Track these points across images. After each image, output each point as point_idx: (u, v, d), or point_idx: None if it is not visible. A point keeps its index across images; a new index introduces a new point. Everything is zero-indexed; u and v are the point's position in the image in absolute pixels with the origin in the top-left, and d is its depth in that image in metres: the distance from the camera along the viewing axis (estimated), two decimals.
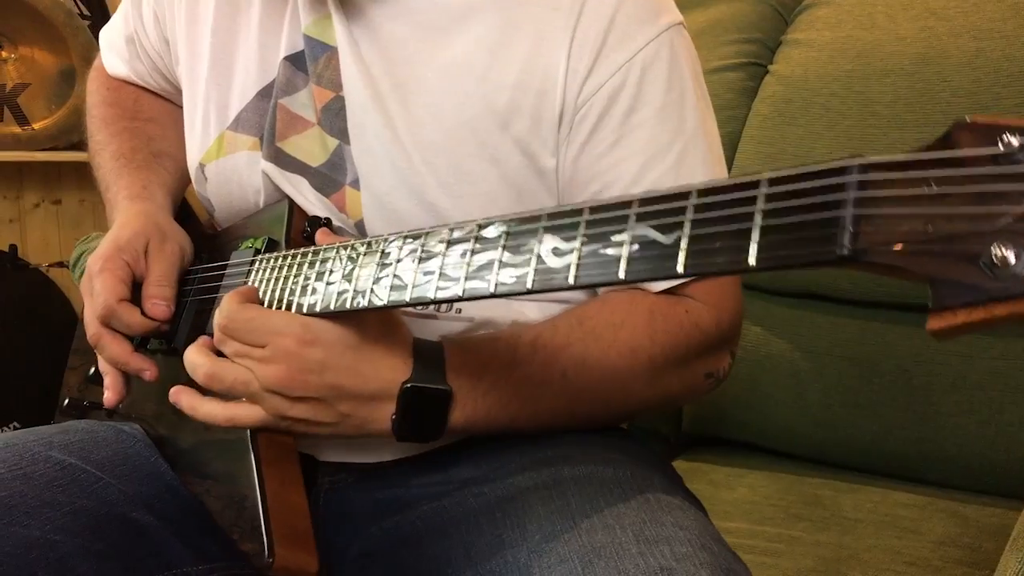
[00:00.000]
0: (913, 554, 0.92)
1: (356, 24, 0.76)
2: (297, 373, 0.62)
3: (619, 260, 0.41)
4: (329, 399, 0.63)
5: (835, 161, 0.34)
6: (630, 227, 0.41)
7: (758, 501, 1.09)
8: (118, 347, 0.76)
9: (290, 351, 0.62)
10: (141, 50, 0.96)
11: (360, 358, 0.63)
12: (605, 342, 0.70)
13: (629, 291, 0.73)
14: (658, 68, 0.72)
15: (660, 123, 0.72)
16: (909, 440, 1.12)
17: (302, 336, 0.62)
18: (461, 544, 0.67)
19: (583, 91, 0.71)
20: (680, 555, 0.57)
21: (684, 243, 0.38)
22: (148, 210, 0.84)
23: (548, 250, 0.45)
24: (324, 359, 0.62)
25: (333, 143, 0.77)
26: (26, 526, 0.66)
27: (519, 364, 0.68)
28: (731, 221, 0.37)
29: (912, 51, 1.16)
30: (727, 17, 1.37)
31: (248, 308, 0.65)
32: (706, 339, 0.73)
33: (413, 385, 0.64)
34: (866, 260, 0.32)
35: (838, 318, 1.17)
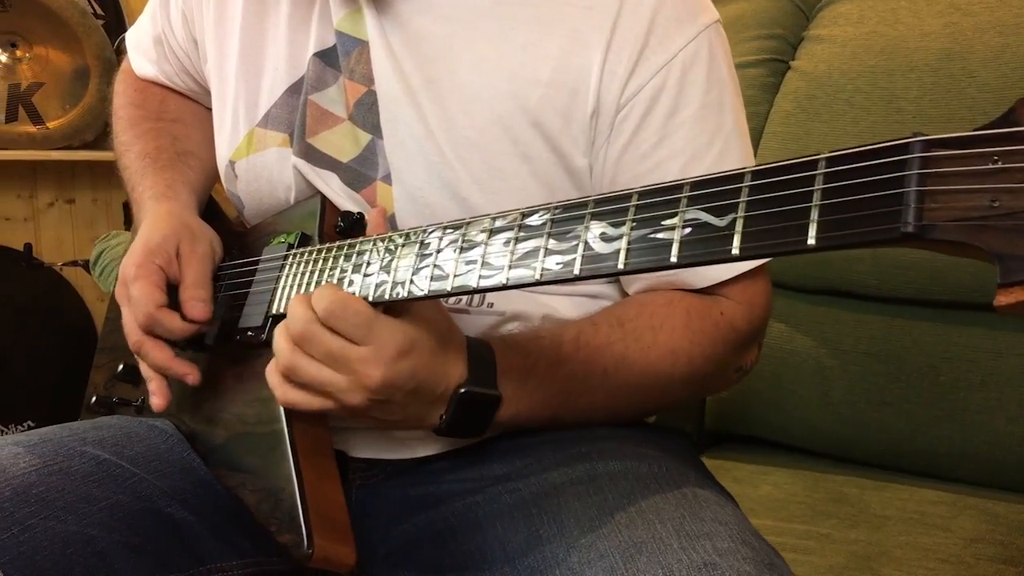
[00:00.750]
0: (945, 551, 0.91)
1: (386, 18, 0.76)
2: (394, 378, 0.61)
3: (671, 244, 0.41)
4: (402, 401, 0.63)
5: (895, 140, 0.34)
6: (682, 211, 0.41)
7: (784, 498, 1.09)
8: (161, 353, 0.76)
9: (389, 357, 0.60)
10: (169, 51, 0.97)
11: (436, 362, 0.63)
12: (645, 343, 0.71)
13: (666, 293, 0.74)
14: (698, 68, 0.72)
15: (700, 123, 0.72)
16: (937, 437, 1.11)
17: (403, 345, 0.61)
18: (497, 540, 0.67)
19: (625, 92, 0.71)
20: (722, 550, 0.56)
21: (739, 225, 0.38)
22: (174, 210, 0.84)
23: (595, 236, 0.45)
24: (414, 366, 0.61)
25: (365, 138, 0.77)
26: (63, 521, 0.66)
27: (563, 362, 0.69)
28: (788, 201, 0.36)
29: (937, 47, 1.15)
30: (748, 13, 1.37)
31: (356, 301, 0.61)
32: (739, 338, 0.75)
33: (468, 390, 0.64)
34: (931, 237, 0.32)
35: (863, 314, 1.17)
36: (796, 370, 1.20)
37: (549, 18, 0.73)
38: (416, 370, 0.61)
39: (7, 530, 0.64)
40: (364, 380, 0.60)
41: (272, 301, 0.76)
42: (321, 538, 0.63)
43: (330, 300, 0.60)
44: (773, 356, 1.21)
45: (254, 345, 0.78)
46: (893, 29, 1.20)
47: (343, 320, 0.60)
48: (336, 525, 0.66)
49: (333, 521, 0.66)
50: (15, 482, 0.67)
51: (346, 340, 0.60)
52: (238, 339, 0.79)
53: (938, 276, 1.10)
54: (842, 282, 1.18)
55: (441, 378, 0.63)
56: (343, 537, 0.66)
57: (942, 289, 1.11)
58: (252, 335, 0.77)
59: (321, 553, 0.63)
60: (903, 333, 1.14)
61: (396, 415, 0.64)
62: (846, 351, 1.17)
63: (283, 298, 0.75)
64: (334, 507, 0.67)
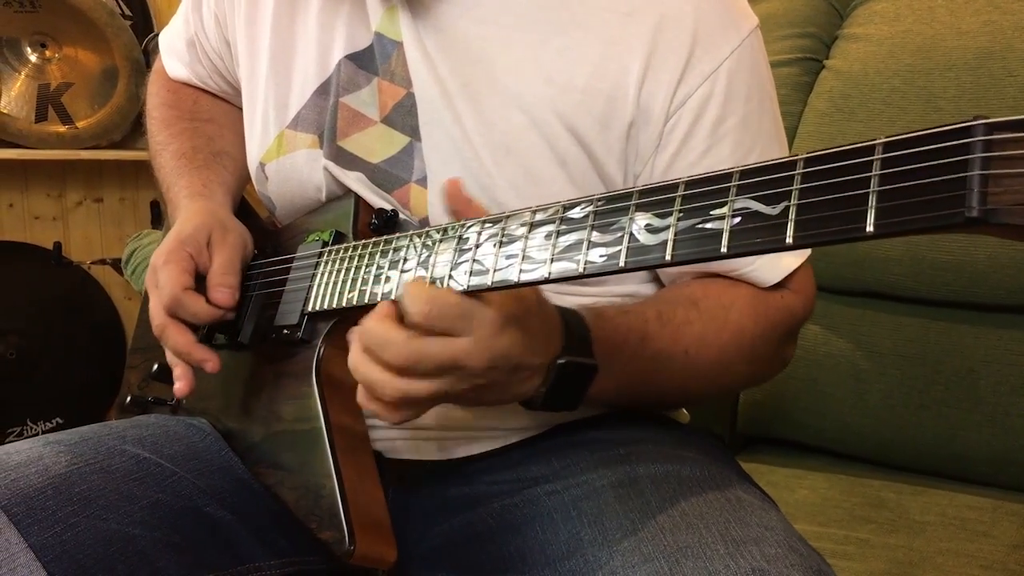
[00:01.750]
0: (988, 558, 0.89)
1: (421, 20, 0.76)
2: (496, 361, 0.57)
3: (721, 234, 0.40)
4: (503, 380, 0.59)
5: (955, 123, 0.33)
6: (731, 200, 0.40)
7: (820, 503, 1.07)
8: (182, 337, 0.76)
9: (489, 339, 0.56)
10: (202, 53, 0.97)
11: (531, 335, 0.58)
12: (719, 322, 0.70)
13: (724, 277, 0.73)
14: (742, 76, 0.72)
15: (744, 130, 0.72)
16: (976, 442, 1.09)
17: (499, 324, 0.56)
18: (536, 543, 0.66)
19: (674, 100, 0.70)
20: (770, 556, 0.56)
21: (792, 213, 0.37)
22: (208, 207, 0.85)
23: (640, 227, 0.45)
24: (512, 343, 0.57)
25: (402, 140, 0.77)
26: (105, 519, 0.67)
27: (650, 338, 0.68)
28: (843, 188, 0.36)
29: (975, 45, 1.13)
30: (780, 12, 1.36)
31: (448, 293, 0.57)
32: (796, 324, 0.76)
33: (567, 359, 0.60)
34: (996, 222, 0.31)
35: (901, 317, 1.15)
36: (832, 372, 1.18)
37: (587, 23, 0.72)
38: (514, 346, 0.57)
39: (51, 528, 0.64)
40: (470, 369, 0.56)
41: (308, 299, 0.76)
42: (362, 535, 0.63)
43: (426, 302, 0.55)
44: (808, 358, 1.19)
45: (290, 343, 0.78)
46: (930, 27, 1.18)
47: (442, 319, 0.55)
48: (376, 522, 0.66)
49: (373, 518, 0.66)
50: (57, 481, 0.68)
51: (447, 337, 0.56)
52: (274, 337, 0.79)
53: (978, 278, 1.08)
54: (879, 284, 1.16)
55: (538, 351, 0.59)
56: (383, 534, 0.66)
57: (982, 291, 1.09)
58: (288, 333, 0.77)
59: (362, 550, 0.63)
60: (941, 336, 1.12)
61: (495, 394, 0.60)
62: (883, 354, 1.15)
63: (319, 296, 0.75)
64: (374, 504, 0.67)
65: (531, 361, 0.59)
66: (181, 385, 0.76)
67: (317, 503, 0.67)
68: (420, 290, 0.57)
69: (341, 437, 0.69)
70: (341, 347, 0.76)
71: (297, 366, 0.77)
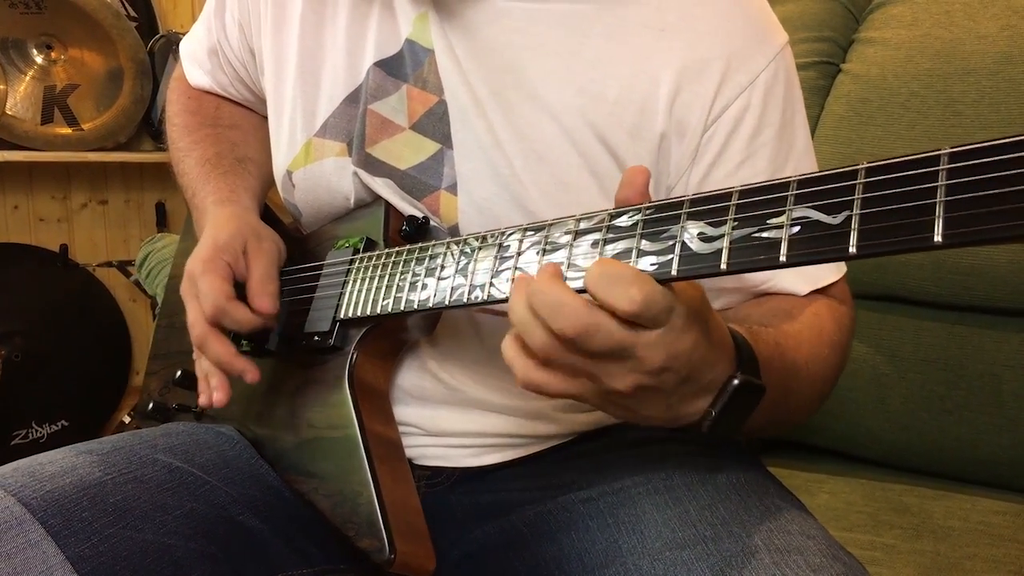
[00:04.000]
0: (1016, 563, 0.89)
1: (452, 27, 0.76)
2: (674, 360, 0.50)
3: (779, 243, 0.40)
4: (671, 388, 0.52)
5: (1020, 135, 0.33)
6: (789, 209, 0.40)
7: (843, 508, 1.07)
8: (223, 348, 0.76)
9: (674, 335, 0.49)
10: (224, 61, 0.97)
11: (707, 344, 0.52)
12: (815, 331, 0.69)
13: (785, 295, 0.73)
14: (777, 89, 0.72)
15: (779, 142, 0.73)
16: (998, 447, 1.09)
17: (686, 320, 0.49)
18: (573, 550, 0.66)
19: (711, 112, 0.71)
20: (815, 566, 0.56)
21: (855, 223, 0.37)
22: (238, 213, 0.85)
23: (693, 235, 0.45)
24: (693, 347, 0.50)
25: (432, 147, 0.77)
26: (140, 530, 0.66)
27: (786, 354, 0.63)
28: (908, 198, 0.36)
29: (995, 50, 1.13)
30: (796, 15, 1.36)
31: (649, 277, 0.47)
32: (854, 331, 0.75)
33: (744, 379, 0.54)
34: None
35: (922, 321, 1.15)
36: (852, 377, 1.18)
37: (620, 35, 0.72)
38: (694, 351, 0.50)
39: (87, 540, 0.64)
40: (644, 363, 0.49)
41: (340, 306, 0.76)
42: (402, 543, 0.63)
43: (645, 295, 0.46)
44: None
45: (320, 350, 0.78)
46: (948, 32, 1.18)
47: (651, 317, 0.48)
48: (415, 530, 0.66)
49: (412, 526, 0.66)
50: (92, 491, 0.67)
51: (641, 328, 0.48)
52: (303, 344, 0.79)
53: (999, 283, 1.08)
54: (901, 288, 1.16)
55: (711, 364, 0.52)
56: (423, 543, 0.66)
57: (1004, 296, 1.09)
58: (319, 339, 0.77)
59: (402, 559, 0.63)
60: (963, 340, 1.12)
61: (658, 407, 0.53)
62: (904, 358, 1.15)
63: (351, 303, 0.75)
64: (412, 512, 0.67)
65: (701, 373, 0.52)
66: (220, 395, 0.76)
67: (355, 511, 0.67)
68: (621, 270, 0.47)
69: (377, 444, 0.69)
70: (374, 354, 0.76)
71: (328, 373, 0.77)
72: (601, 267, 0.47)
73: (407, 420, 0.78)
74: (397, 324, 0.76)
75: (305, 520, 0.76)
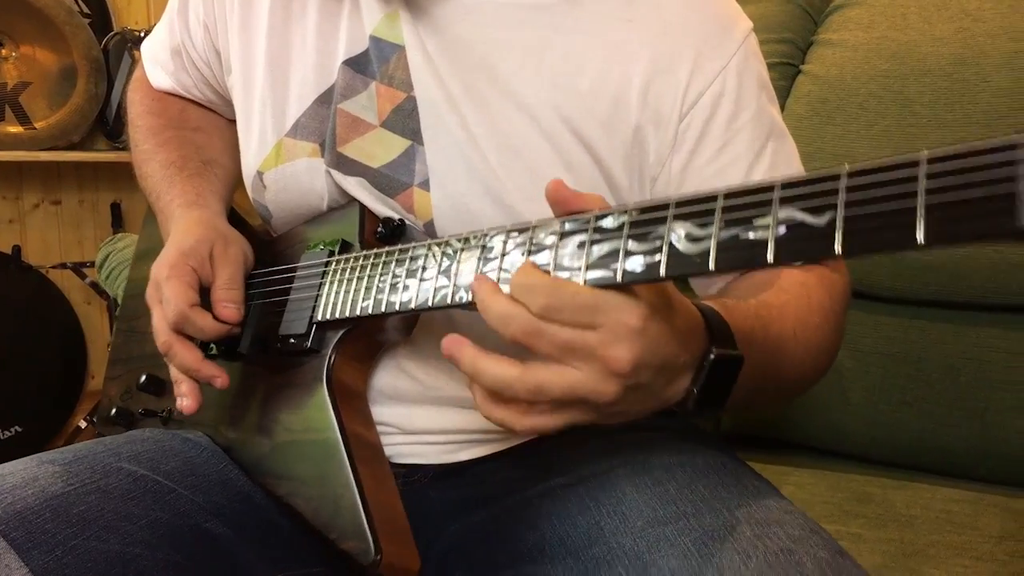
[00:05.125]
0: (977, 549, 0.92)
1: (423, 24, 0.76)
2: (642, 354, 0.50)
3: (766, 243, 0.41)
4: (651, 380, 0.53)
5: (1000, 139, 0.35)
6: (774, 210, 0.41)
7: (808, 499, 1.09)
8: (189, 354, 0.75)
9: (631, 331, 0.50)
10: (188, 61, 0.96)
11: (674, 329, 0.52)
12: (805, 301, 0.69)
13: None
14: (749, 72, 0.74)
15: (756, 126, 0.74)
16: (957, 437, 1.13)
17: (640, 315, 0.50)
18: (555, 534, 0.67)
19: (685, 100, 0.72)
20: (795, 537, 0.57)
21: (839, 223, 0.39)
22: (205, 217, 0.84)
23: (680, 236, 0.46)
24: (658, 336, 0.51)
25: (402, 144, 0.77)
26: (105, 540, 0.66)
27: (767, 324, 0.64)
28: (890, 200, 0.37)
29: (949, 52, 1.17)
30: (756, 17, 1.37)
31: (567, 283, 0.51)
32: (850, 299, 0.76)
33: (718, 353, 0.55)
34: None
35: (882, 316, 1.18)
36: None
37: (590, 29, 0.73)
38: (660, 340, 0.51)
39: (51, 552, 0.63)
40: (613, 365, 0.50)
41: (316, 308, 0.76)
42: (387, 544, 0.63)
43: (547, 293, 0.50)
44: None
45: (296, 352, 0.77)
46: (904, 34, 1.22)
47: (563, 311, 0.50)
48: (399, 530, 0.66)
49: (396, 526, 0.66)
50: (55, 502, 0.66)
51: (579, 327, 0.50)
52: (278, 346, 0.79)
53: (957, 278, 1.12)
54: (861, 284, 1.19)
55: (683, 346, 0.53)
56: (407, 543, 0.66)
57: (960, 290, 1.12)
58: (295, 342, 0.77)
59: (388, 559, 0.63)
60: (922, 334, 1.15)
61: (647, 401, 0.54)
62: (866, 352, 1.18)
63: (327, 305, 0.75)
64: (395, 513, 0.67)
65: (675, 358, 0.53)
66: (189, 402, 0.76)
67: (337, 514, 0.67)
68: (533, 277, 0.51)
69: (358, 446, 0.69)
70: (351, 356, 0.76)
71: (305, 376, 0.77)
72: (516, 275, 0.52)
73: (383, 420, 0.79)
74: (375, 326, 0.76)
75: (277, 525, 0.76)
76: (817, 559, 0.56)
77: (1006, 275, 1.09)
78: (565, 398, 0.51)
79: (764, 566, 0.56)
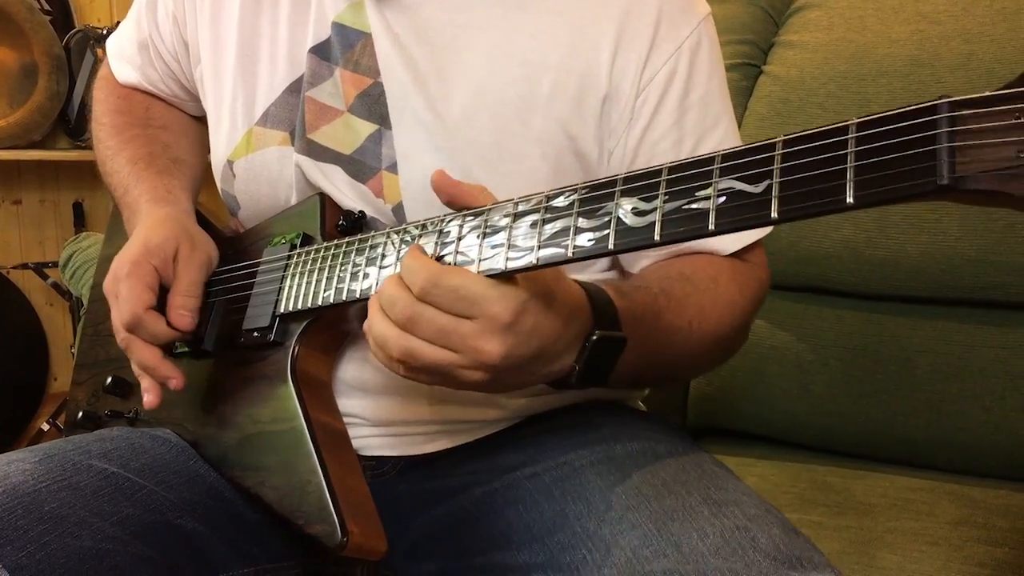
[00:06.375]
0: (933, 535, 0.94)
1: (390, 9, 0.78)
2: (513, 349, 0.55)
3: (707, 213, 0.43)
4: (528, 366, 0.58)
5: (922, 103, 0.37)
6: (715, 181, 0.43)
7: (771, 489, 1.11)
8: (147, 352, 0.76)
9: (504, 326, 0.55)
10: (155, 55, 0.97)
11: (553, 316, 0.57)
12: (711, 294, 0.73)
13: (705, 254, 0.77)
14: (701, 55, 0.77)
15: (705, 105, 0.77)
16: (914, 427, 1.15)
17: (515, 309, 0.55)
18: (521, 522, 0.68)
19: (642, 77, 0.75)
20: (751, 515, 0.59)
21: (776, 190, 0.40)
22: (174, 214, 0.84)
23: (627, 211, 0.47)
24: (532, 328, 0.56)
25: (369, 128, 0.78)
26: (77, 536, 0.66)
27: (662, 312, 0.69)
28: (822, 165, 0.39)
29: (905, 53, 1.20)
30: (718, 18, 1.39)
31: (453, 274, 0.55)
32: (764, 294, 0.80)
33: (600, 334, 0.60)
34: (964, 188, 0.35)
35: (842, 310, 1.20)
36: (778, 364, 1.23)
37: (557, 7, 0.76)
38: (534, 332, 0.56)
39: (23, 548, 0.63)
40: (482, 357, 0.55)
41: (279, 300, 0.77)
42: (353, 525, 0.64)
43: (425, 277, 0.55)
44: (755, 352, 1.24)
45: (260, 346, 0.78)
46: (862, 36, 1.25)
47: (440, 297, 0.55)
48: (366, 513, 0.67)
49: (362, 509, 0.67)
50: (27, 500, 0.67)
51: (454, 315, 0.55)
52: (243, 341, 0.79)
53: (912, 273, 1.14)
54: (821, 280, 1.21)
55: (563, 331, 0.58)
56: (374, 525, 0.67)
57: (916, 285, 1.15)
58: (259, 335, 0.77)
59: (356, 540, 0.64)
60: (880, 328, 1.17)
61: (526, 378, 0.60)
62: (826, 346, 1.20)
63: (290, 297, 0.75)
64: (361, 496, 0.68)
65: (554, 343, 0.58)
66: (150, 398, 0.76)
67: (304, 499, 0.68)
68: (418, 262, 0.56)
69: (323, 434, 0.70)
70: (315, 347, 0.77)
71: (270, 368, 0.77)
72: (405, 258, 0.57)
73: (351, 411, 0.79)
74: (338, 315, 0.77)
75: (246, 519, 0.76)
76: (771, 535, 0.58)
77: (960, 270, 1.12)
78: (433, 370, 0.57)
79: (720, 542, 0.58)
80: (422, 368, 0.57)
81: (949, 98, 0.36)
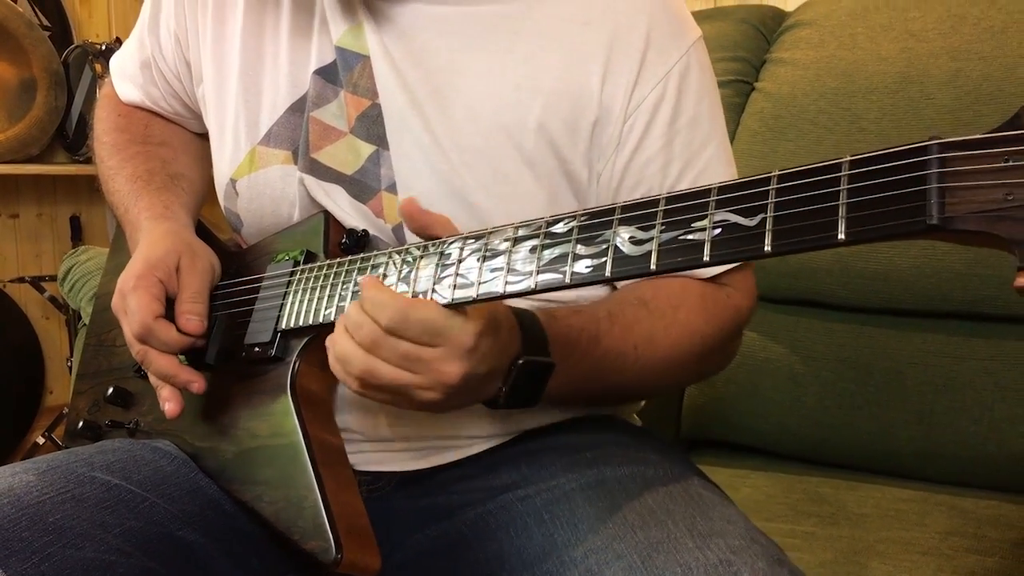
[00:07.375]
0: (924, 545, 0.95)
1: (387, 33, 0.79)
2: (472, 371, 0.60)
3: (703, 244, 0.44)
4: (475, 387, 0.63)
5: (913, 143, 0.38)
6: (711, 213, 0.44)
7: (763, 500, 1.13)
8: (164, 360, 0.76)
9: (466, 351, 0.60)
10: (157, 74, 0.98)
11: (499, 342, 0.62)
12: (667, 320, 0.75)
13: (677, 278, 0.78)
14: (690, 79, 0.78)
15: (693, 130, 0.78)
16: (905, 439, 1.16)
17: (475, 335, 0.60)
18: (513, 548, 0.69)
19: (631, 102, 0.76)
20: (735, 548, 0.60)
21: (769, 224, 0.41)
22: (174, 229, 0.85)
23: (625, 239, 0.48)
24: (486, 352, 0.61)
25: (368, 149, 0.80)
26: (81, 548, 0.67)
27: (601, 337, 0.72)
28: (816, 201, 0.40)
29: (894, 70, 1.22)
30: (711, 36, 1.42)
31: (419, 307, 0.59)
32: (742, 321, 0.81)
33: (526, 359, 0.64)
34: (953, 228, 0.36)
35: (833, 323, 1.22)
36: (770, 377, 1.25)
37: (549, 33, 0.77)
38: (487, 356, 0.61)
39: (28, 560, 0.64)
40: (443, 378, 0.60)
41: (281, 317, 0.78)
42: (348, 542, 0.65)
43: (392, 313, 0.59)
44: (748, 364, 1.25)
45: (261, 361, 0.79)
46: (852, 53, 1.27)
47: (408, 330, 0.59)
48: (360, 530, 0.67)
49: (357, 526, 0.67)
50: (31, 511, 0.67)
51: (419, 344, 0.60)
52: (243, 355, 0.80)
53: (903, 286, 1.16)
54: (813, 293, 1.23)
55: (504, 355, 0.63)
56: (368, 542, 0.67)
57: (907, 298, 1.16)
58: (260, 350, 0.78)
59: (349, 557, 0.64)
60: (871, 340, 1.19)
61: (464, 399, 0.64)
62: (818, 358, 1.22)
63: (292, 313, 0.76)
64: (356, 514, 0.68)
65: (498, 366, 0.63)
66: (172, 406, 0.77)
67: (300, 515, 0.68)
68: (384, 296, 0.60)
69: (320, 450, 0.71)
70: (315, 363, 0.78)
71: (270, 383, 0.78)
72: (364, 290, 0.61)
73: (347, 426, 0.80)
74: None
75: (246, 532, 0.77)
76: (755, 569, 0.59)
77: (949, 284, 1.13)
78: (391, 389, 0.61)
79: None
80: (379, 387, 0.62)
81: (940, 139, 0.38)
